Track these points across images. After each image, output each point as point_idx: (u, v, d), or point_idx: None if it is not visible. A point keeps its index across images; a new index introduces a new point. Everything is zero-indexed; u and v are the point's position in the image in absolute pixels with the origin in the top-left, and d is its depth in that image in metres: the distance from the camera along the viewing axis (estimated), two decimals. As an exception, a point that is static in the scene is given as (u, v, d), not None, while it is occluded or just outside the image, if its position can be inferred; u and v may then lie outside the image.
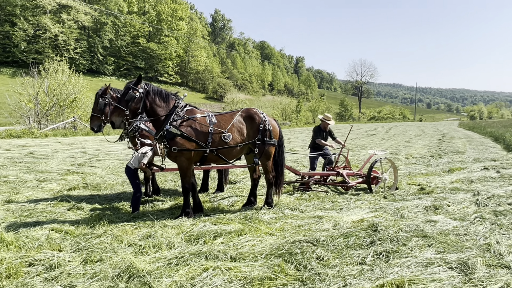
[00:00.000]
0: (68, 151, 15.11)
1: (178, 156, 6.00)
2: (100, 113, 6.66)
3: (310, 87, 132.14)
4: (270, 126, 6.67)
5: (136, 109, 5.82)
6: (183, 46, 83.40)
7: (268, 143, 6.63)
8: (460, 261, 3.98)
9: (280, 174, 7.00)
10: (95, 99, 6.73)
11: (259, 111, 6.83)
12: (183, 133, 5.91)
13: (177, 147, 5.89)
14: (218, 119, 6.35)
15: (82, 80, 30.61)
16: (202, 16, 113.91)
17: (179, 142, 5.91)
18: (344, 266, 3.95)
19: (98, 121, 6.69)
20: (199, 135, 6.05)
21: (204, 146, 6.08)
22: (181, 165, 6.10)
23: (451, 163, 12.88)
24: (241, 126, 6.48)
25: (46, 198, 7.28)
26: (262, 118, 6.65)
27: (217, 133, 6.17)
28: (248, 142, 6.53)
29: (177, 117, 5.97)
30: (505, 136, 22.92)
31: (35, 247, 4.68)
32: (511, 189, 8.24)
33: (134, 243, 4.86)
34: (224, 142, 6.23)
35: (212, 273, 3.76)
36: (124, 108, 5.71)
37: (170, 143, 5.89)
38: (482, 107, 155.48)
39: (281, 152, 6.99)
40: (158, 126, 6.00)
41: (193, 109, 6.31)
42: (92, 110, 6.74)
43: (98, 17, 68.65)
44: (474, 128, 39.10)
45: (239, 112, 6.64)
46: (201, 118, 6.18)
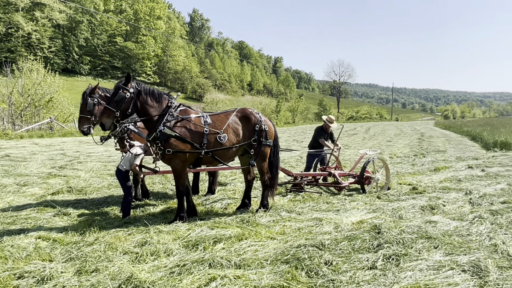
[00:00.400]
0: (46, 153, 14.54)
1: (172, 158, 5.74)
2: (89, 114, 6.30)
3: (288, 87, 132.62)
4: (266, 127, 6.49)
5: (126, 110, 5.53)
6: (161, 45, 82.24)
7: (264, 144, 6.45)
8: (471, 264, 3.90)
9: (274, 175, 6.83)
10: (83, 99, 6.33)
11: (255, 111, 6.64)
12: (178, 134, 5.67)
13: (171, 149, 5.64)
14: (213, 119, 6.12)
15: (58, 79, 29.72)
16: (180, 16, 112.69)
17: (173, 144, 5.66)
18: (356, 272, 3.82)
19: (88, 122, 6.33)
20: (194, 136, 5.82)
21: (199, 147, 5.85)
22: (175, 167, 5.85)
23: (435, 162, 13.02)
24: (237, 127, 6.27)
25: (29, 203, 6.90)
26: (258, 118, 6.45)
27: (212, 134, 5.94)
28: (244, 143, 6.33)
29: (170, 118, 5.71)
30: (482, 135, 23.48)
31: (23, 257, 4.36)
32: (500, 188, 8.33)
33: (129, 251, 4.61)
34: (220, 143, 6.00)
35: (220, 282, 3.56)
36: (114, 109, 5.42)
37: (164, 145, 5.63)
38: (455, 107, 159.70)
39: (276, 153, 6.82)
40: (151, 127, 5.72)
41: (187, 109, 6.07)
42: (80, 111, 6.34)
43: (73, 15, 66.88)
44: (450, 127, 39.92)
45: (234, 112, 6.42)
46: (195, 119, 5.94)
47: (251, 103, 65.37)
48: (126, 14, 77.04)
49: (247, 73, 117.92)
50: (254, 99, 78.71)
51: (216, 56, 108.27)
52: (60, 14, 64.40)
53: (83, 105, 6.31)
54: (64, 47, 66.30)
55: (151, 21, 79.31)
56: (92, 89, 6.42)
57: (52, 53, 62.41)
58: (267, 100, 72.01)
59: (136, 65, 76.82)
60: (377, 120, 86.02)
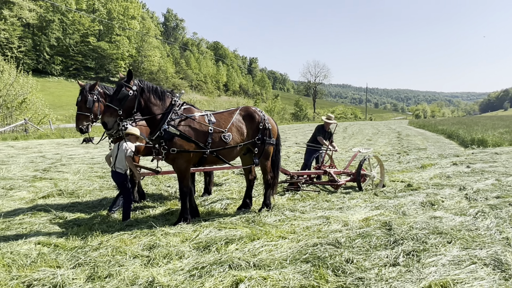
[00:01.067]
0: (24, 156, 13.96)
1: (176, 158, 5.57)
2: (88, 111, 6.01)
3: (264, 87, 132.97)
4: (269, 125, 6.41)
5: (130, 108, 5.33)
6: (136, 45, 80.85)
7: (268, 143, 6.37)
8: (491, 257, 3.95)
9: (276, 174, 6.76)
10: (82, 95, 6.01)
11: (258, 109, 6.54)
12: (182, 133, 5.51)
13: (176, 148, 5.48)
14: (217, 118, 5.99)
15: (31, 80, 28.72)
16: (154, 16, 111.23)
17: (178, 143, 5.49)
18: (381, 269, 3.79)
19: (87, 120, 6.05)
20: (199, 135, 5.67)
21: (204, 146, 5.71)
22: (179, 167, 5.69)
23: (420, 160, 13.25)
24: (241, 125, 6.16)
25: (20, 208, 6.56)
26: (261, 117, 6.36)
27: (217, 133, 5.81)
28: (248, 141, 6.22)
29: (175, 116, 5.55)
30: (459, 133, 24.17)
31: (27, 264, 4.11)
32: (491, 183, 8.54)
33: (139, 254, 4.43)
34: (224, 142, 5.88)
35: (248, 284, 3.45)
36: (117, 107, 5.21)
37: (168, 144, 5.46)
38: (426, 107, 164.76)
39: (278, 152, 6.75)
40: (154, 126, 5.53)
41: (190, 108, 5.92)
42: (79, 108, 6.02)
43: (44, 14, 64.79)
44: (425, 126, 40.92)
45: (238, 111, 6.30)
46: (200, 117, 5.79)
47: (228, 104, 65.12)
48: (99, 13, 75.31)
49: (223, 73, 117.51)
50: (230, 100, 78.56)
51: (192, 57, 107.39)
52: (30, 13, 62.31)
53: (82, 102, 6.00)
54: (35, 47, 64.10)
55: (125, 21, 77.87)
56: (92, 86, 6.13)
57: (22, 53, 60.18)
58: (244, 101, 72.04)
59: (110, 66, 75.24)
60: (352, 120, 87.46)
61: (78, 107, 6.05)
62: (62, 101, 51.26)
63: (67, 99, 53.92)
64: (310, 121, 79.24)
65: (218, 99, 77.21)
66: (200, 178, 9.06)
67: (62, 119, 35.60)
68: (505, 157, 13.31)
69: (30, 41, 62.91)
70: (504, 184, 8.40)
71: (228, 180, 9.30)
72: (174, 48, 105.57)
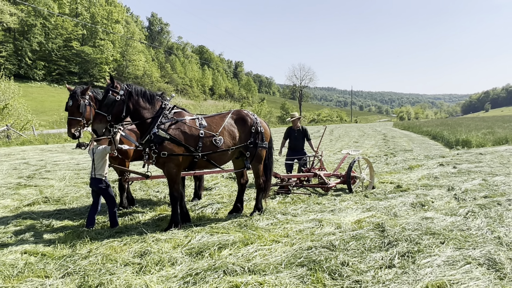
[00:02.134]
0: (7, 163, 13.63)
1: (166, 162, 5.49)
2: (80, 116, 5.87)
3: (250, 91, 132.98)
4: (262, 128, 6.36)
5: (119, 113, 5.26)
6: (120, 50, 79.97)
7: (260, 146, 6.32)
8: (485, 257, 3.97)
9: (268, 178, 6.71)
10: (73, 100, 5.86)
11: (250, 112, 6.50)
12: (172, 137, 5.43)
13: (166, 152, 5.39)
14: (208, 121, 5.93)
15: (13, 85, 28.13)
16: (139, 20, 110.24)
17: (168, 147, 5.42)
18: (377, 271, 3.77)
19: (79, 125, 5.91)
20: (189, 139, 5.60)
21: (194, 150, 5.63)
22: (169, 171, 5.60)
23: (407, 161, 13.36)
24: (233, 129, 6.10)
25: (5, 216, 6.37)
26: (253, 120, 6.32)
27: (207, 137, 5.74)
28: (240, 145, 6.16)
29: (165, 120, 5.47)
30: (443, 134, 24.53)
31: (14, 274, 3.98)
32: (478, 183, 8.64)
33: (130, 262, 4.32)
34: (215, 146, 5.81)
35: (245, 290, 3.39)
36: (105, 113, 5.14)
37: (158, 148, 5.37)
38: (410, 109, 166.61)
39: (270, 155, 6.71)
40: (144, 129, 5.45)
41: (181, 112, 5.85)
42: (70, 113, 5.87)
43: (25, 19, 63.63)
44: (409, 128, 41.45)
45: (230, 114, 6.24)
46: (190, 121, 5.72)
47: (214, 108, 64.89)
48: (83, 17, 74.32)
49: (209, 77, 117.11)
50: (217, 104, 78.28)
51: (177, 61, 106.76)
52: (11, 17, 61.01)
53: (74, 106, 5.84)
54: (16, 52, 62.79)
55: (109, 25, 77.00)
56: (84, 90, 5.99)
57: (3, 58, 58.90)
58: (230, 105, 71.88)
59: (94, 70, 74.13)
60: (338, 122, 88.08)
61: (69, 112, 5.89)
62: (45, 107, 50.37)
63: (50, 104, 53.03)
64: (296, 124, 79.50)
65: (204, 103, 76.85)
66: (189, 183, 8.95)
67: (46, 125, 34.91)
68: (490, 157, 13.52)
69: (11, 46, 61.60)
70: (491, 184, 8.50)
71: (218, 184, 9.22)
72: (159, 52, 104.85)
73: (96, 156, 5.73)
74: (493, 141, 19.77)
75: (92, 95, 6.08)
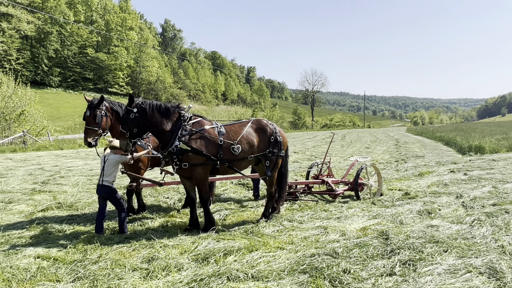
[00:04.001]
0: (23, 168, 13.98)
1: (194, 169, 5.75)
2: (96, 126, 6.13)
3: (262, 96, 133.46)
4: (280, 138, 6.59)
5: (137, 129, 5.54)
6: (134, 56, 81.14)
7: (277, 155, 6.55)
8: (486, 266, 4.00)
9: (284, 186, 6.90)
10: (90, 110, 6.14)
11: (269, 122, 6.75)
12: (194, 148, 5.65)
13: (188, 163, 5.62)
14: (227, 129, 6.17)
15: (30, 92, 28.81)
16: (152, 26, 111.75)
17: (190, 158, 5.66)
18: (377, 279, 3.83)
19: (95, 134, 6.18)
20: (210, 148, 5.83)
21: (215, 158, 5.85)
22: (197, 177, 5.86)
23: (418, 167, 13.30)
24: (252, 138, 6.32)
25: (20, 221, 6.59)
26: (273, 130, 6.56)
27: (227, 145, 5.97)
28: (258, 154, 6.39)
29: (184, 132, 5.69)
30: (456, 140, 24.27)
31: (27, 278, 4.14)
32: (487, 190, 8.59)
33: (138, 267, 4.46)
34: (233, 154, 6.03)
35: (247, 296, 3.49)
36: (125, 131, 5.46)
37: (180, 160, 5.62)
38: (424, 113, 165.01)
39: (286, 163, 6.94)
40: (165, 141, 5.70)
41: (200, 121, 6.06)
42: (87, 123, 6.14)
43: (42, 26, 65.10)
44: (423, 133, 41.03)
45: (249, 123, 6.47)
46: (210, 130, 5.95)
47: (227, 113, 65.30)
48: (97, 24, 75.75)
49: (221, 83, 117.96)
50: (229, 109, 78.71)
51: (190, 67, 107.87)
52: (28, 25, 62.58)
53: (91, 117, 6.12)
54: (33, 59, 64.28)
55: (123, 32, 78.26)
56: (99, 101, 6.25)
57: (20, 65, 60.35)
58: (243, 110, 72.10)
59: (108, 76, 75.41)
60: (351, 128, 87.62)
61: (86, 122, 6.17)
62: (61, 112, 51.38)
63: (65, 110, 54.07)
64: (308, 129, 79.43)
65: (217, 109, 77.41)
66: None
67: (61, 131, 35.62)
68: (502, 163, 13.39)
69: (28, 53, 63.11)
70: (500, 191, 8.46)
71: (227, 191, 9.34)
72: (172, 58, 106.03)
73: (107, 163, 5.91)
74: (507, 147, 19.49)
75: (108, 106, 6.33)
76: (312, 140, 33.14)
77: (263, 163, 6.57)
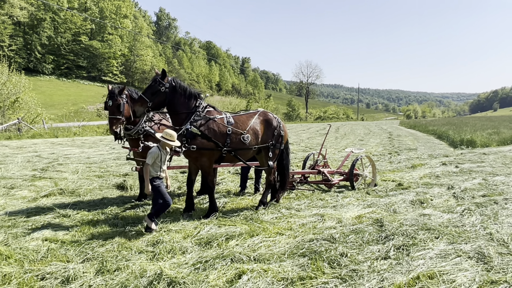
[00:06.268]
0: (20, 155, 14.04)
1: (199, 157, 5.98)
2: (120, 114, 6.29)
3: (257, 87, 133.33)
4: (283, 132, 6.86)
5: (160, 103, 5.73)
6: (128, 44, 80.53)
7: (278, 148, 6.85)
8: (475, 251, 4.25)
9: (286, 176, 7.15)
10: (113, 100, 6.26)
11: (274, 115, 7.01)
12: (203, 133, 5.88)
13: (195, 146, 5.83)
14: (235, 119, 6.40)
15: (24, 79, 28.67)
16: (147, 15, 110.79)
17: (199, 142, 5.88)
18: (373, 261, 4.06)
19: (120, 123, 6.36)
20: (218, 136, 6.06)
21: (222, 146, 6.08)
22: (202, 165, 6.10)
23: (410, 160, 13.58)
24: (257, 129, 6.57)
25: (24, 206, 6.73)
26: (277, 124, 6.83)
27: (235, 134, 6.21)
28: (262, 145, 6.64)
29: (197, 117, 5.92)
30: (448, 133, 24.65)
31: (38, 259, 4.32)
32: (477, 182, 8.88)
33: (144, 250, 4.65)
34: (242, 143, 6.28)
35: (251, 275, 3.71)
36: (148, 99, 5.59)
37: (190, 142, 5.84)
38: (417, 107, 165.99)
39: (287, 155, 7.20)
40: (178, 123, 5.93)
41: (212, 110, 6.29)
42: (111, 112, 6.26)
43: (35, 13, 64.30)
44: (415, 126, 41.47)
45: (256, 115, 6.71)
46: (219, 119, 6.19)
47: (221, 104, 65.25)
48: (91, 12, 74.93)
49: (215, 73, 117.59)
50: (223, 100, 78.65)
51: (184, 56, 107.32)
52: (21, 11, 61.79)
53: (114, 106, 6.25)
54: (26, 46, 63.63)
55: (117, 20, 77.55)
56: (120, 90, 6.42)
57: (12, 52, 59.75)
58: (237, 101, 72.14)
59: (102, 65, 74.93)
60: (344, 120, 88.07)
61: (110, 111, 6.29)
62: (54, 100, 51.08)
63: (59, 98, 53.74)
64: (302, 121, 79.68)
65: (211, 99, 77.27)
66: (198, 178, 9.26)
67: (55, 119, 35.50)
68: (493, 157, 13.71)
69: (21, 40, 62.47)
70: (490, 184, 8.74)
71: (225, 180, 9.54)
72: (167, 48, 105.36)
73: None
74: (498, 141, 19.89)
75: (128, 94, 6.49)
76: (306, 132, 33.40)
77: (264, 154, 6.81)
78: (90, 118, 39.61)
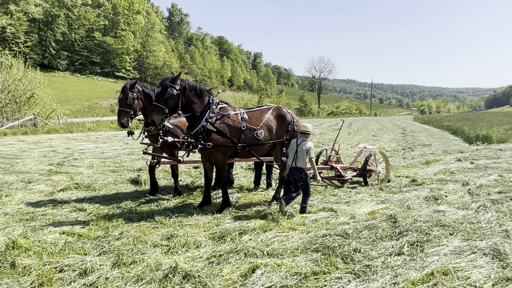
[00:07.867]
0: (36, 150, 14.32)
1: (214, 152, 6.04)
2: (128, 107, 6.46)
3: (269, 83, 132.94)
4: (297, 127, 6.85)
5: (175, 106, 5.80)
6: (141, 40, 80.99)
7: None
8: (490, 248, 4.22)
9: None
10: (123, 93, 6.49)
11: (288, 110, 7.03)
12: (219, 130, 5.95)
13: (212, 143, 5.90)
14: (249, 115, 6.45)
15: (39, 75, 29.09)
16: (159, 10, 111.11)
17: (215, 138, 5.95)
18: (386, 257, 4.06)
19: (127, 115, 6.49)
20: (233, 132, 6.12)
21: (237, 142, 6.13)
22: (217, 160, 6.15)
23: (424, 156, 13.45)
24: (271, 125, 6.60)
25: (41, 200, 6.88)
26: (291, 119, 6.84)
27: (249, 130, 6.26)
28: (276, 140, 6.67)
29: (212, 114, 5.99)
30: (463, 129, 24.30)
31: (56, 252, 4.42)
32: (493, 179, 8.76)
33: (159, 244, 4.72)
34: (256, 139, 6.32)
35: (265, 270, 3.74)
36: (164, 106, 5.66)
37: (205, 139, 5.91)
38: (431, 102, 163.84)
39: None
40: (193, 121, 6.00)
41: (225, 106, 6.36)
42: (120, 104, 6.48)
43: (49, 9, 65.06)
44: (430, 122, 41.01)
45: (270, 111, 6.74)
46: (234, 115, 6.24)
47: (233, 99, 65.49)
48: (105, 8, 75.51)
49: (227, 68, 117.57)
50: (235, 95, 78.87)
51: (196, 52, 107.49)
52: (36, 8, 62.58)
53: (123, 99, 6.46)
54: (40, 42, 64.44)
55: (130, 16, 78.03)
56: (132, 84, 6.57)
57: (28, 48, 60.55)
58: (249, 96, 72.19)
59: (115, 61, 75.55)
60: (357, 115, 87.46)
61: (119, 103, 6.51)
62: (68, 96, 51.76)
63: (73, 93, 54.44)
64: (314, 116, 79.40)
65: (223, 94, 77.42)
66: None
67: (69, 114, 36.03)
68: (509, 153, 13.49)
69: (36, 36, 63.24)
70: (506, 180, 8.62)
71: (237, 175, 9.58)
72: (179, 43, 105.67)
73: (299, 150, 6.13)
74: (514, 137, 19.53)
75: (140, 89, 6.61)
76: (318, 128, 33.29)
77: (279, 149, 6.82)
78: (104, 114, 40.06)
